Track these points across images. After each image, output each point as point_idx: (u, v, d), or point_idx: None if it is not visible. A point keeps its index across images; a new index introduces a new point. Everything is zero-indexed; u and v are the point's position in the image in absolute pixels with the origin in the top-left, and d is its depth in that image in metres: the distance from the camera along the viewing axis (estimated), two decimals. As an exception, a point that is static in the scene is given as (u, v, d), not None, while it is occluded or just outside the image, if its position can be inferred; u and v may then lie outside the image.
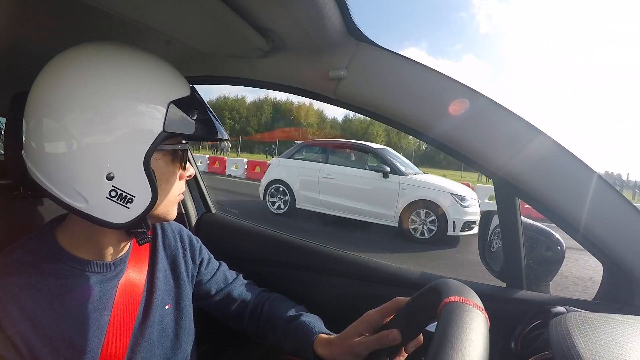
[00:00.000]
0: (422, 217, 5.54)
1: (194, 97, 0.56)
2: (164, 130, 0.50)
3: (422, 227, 5.54)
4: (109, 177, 0.49)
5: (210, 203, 1.23)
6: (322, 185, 6.25)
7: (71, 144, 0.48)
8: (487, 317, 0.40)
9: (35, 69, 0.52)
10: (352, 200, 5.99)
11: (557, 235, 0.81)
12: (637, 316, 0.49)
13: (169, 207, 0.59)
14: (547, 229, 0.81)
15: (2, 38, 0.69)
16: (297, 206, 6.47)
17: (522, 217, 0.78)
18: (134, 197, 0.51)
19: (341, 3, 0.60)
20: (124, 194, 0.50)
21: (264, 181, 6.83)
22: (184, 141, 0.58)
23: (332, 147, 6.82)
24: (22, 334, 0.49)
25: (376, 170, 5.87)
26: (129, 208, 0.51)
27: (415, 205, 5.56)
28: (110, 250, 0.59)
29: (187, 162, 0.61)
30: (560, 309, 0.61)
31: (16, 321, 0.49)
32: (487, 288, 0.79)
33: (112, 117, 0.48)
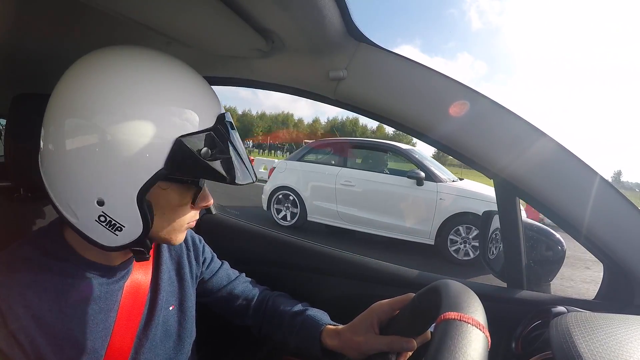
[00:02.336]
0: (465, 234, 4.46)
1: (217, 129, 0.50)
2: (163, 168, 0.47)
3: (465, 246, 4.46)
4: (100, 203, 0.47)
5: None
6: (340, 194, 5.07)
7: (65, 157, 0.47)
8: (488, 335, 0.37)
9: (35, 70, 0.52)
10: (379, 213, 4.85)
11: (558, 235, 0.81)
12: (637, 316, 0.49)
13: (172, 234, 0.56)
14: (548, 228, 0.81)
15: (2, 39, 0.69)
16: (308, 218, 5.30)
17: (522, 217, 0.78)
18: (124, 226, 0.49)
19: (341, 3, 0.60)
20: (113, 222, 0.49)
21: (268, 188, 5.64)
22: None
23: (352, 148, 5.60)
24: (27, 331, 0.49)
25: (408, 176, 4.71)
26: (117, 235, 0.50)
27: (456, 220, 4.46)
28: (117, 254, 0.59)
29: (206, 191, 0.56)
30: (561, 308, 0.61)
31: (21, 318, 0.48)
32: (488, 288, 0.79)
33: (113, 145, 0.45)
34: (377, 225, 4.92)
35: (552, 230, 0.81)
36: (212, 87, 0.56)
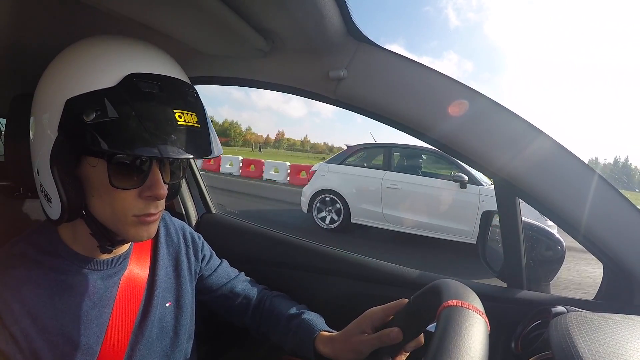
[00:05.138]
0: None
1: (114, 90, 0.44)
2: (59, 135, 0.46)
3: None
4: (38, 172, 0.52)
5: (210, 203, 1.22)
6: (386, 197, 5.14)
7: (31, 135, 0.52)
8: (487, 321, 0.39)
9: (35, 70, 0.53)
10: (424, 214, 4.95)
11: (557, 235, 0.81)
12: (637, 316, 0.49)
13: (120, 225, 0.52)
14: (548, 228, 0.81)
15: (2, 39, 0.68)
16: (351, 220, 5.39)
17: (522, 217, 0.78)
18: (52, 198, 0.50)
19: (341, 3, 0.60)
20: (46, 192, 0.51)
21: (309, 191, 5.70)
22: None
23: (395, 151, 5.53)
24: (22, 327, 0.49)
25: (454, 180, 4.85)
26: (51, 207, 0.51)
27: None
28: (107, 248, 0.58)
29: (155, 177, 0.51)
30: (561, 308, 0.61)
31: (16, 314, 0.49)
32: (488, 288, 0.79)
33: (43, 111, 0.49)
34: (423, 227, 5.01)
35: (552, 230, 0.81)
36: (211, 86, 0.56)
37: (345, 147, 5.92)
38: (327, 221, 5.57)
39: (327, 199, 5.55)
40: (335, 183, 5.51)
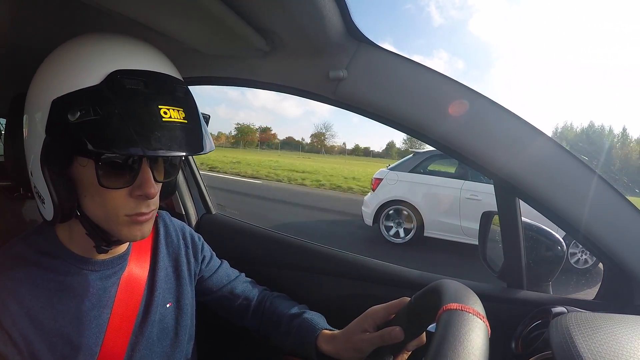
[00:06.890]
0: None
1: (97, 88, 0.44)
2: (47, 135, 0.45)
3: (582, 256, 4.27)
4: (31, 173, 0.52)
5: (210, 204, 1.22)
6: (465, 208, 4.62)
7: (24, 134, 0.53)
8: (487, 324, 0.39)
9: (35, 70, 0.53)
10: None
11: (557, 235, 0.81)
12: (637, 316, 0.49)
13: (112, 225, 0.51)
14: (548, 229, 0.81)
15: (2, 38, 0.68)
16: (425, 234, 4.84)
17: (522, 217, 0.78)
18: (45, 199, 0.50)
19: (341, 3, 0.60)
20: (40, 193, 0.51)
21: (374, 201, 5.09)
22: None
23: None
24: (20, 328, 0.49)
25: None
26: (45, 208, 0.51)
27: None
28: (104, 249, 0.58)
29: (145, 176, 0.50)
30: (561, 308, 0.61)
31: (15, 316, 0.49)
32: (488, 288, 0.79)
33: (33, 111, 0.48)
34: None
35: (551, 231, 0.81)
36: (209, 86, 0.56)
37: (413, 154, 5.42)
38: (397, 234, 5.02)
39: (398, 210, 4.98)
40: (406, 193, 4.92)
